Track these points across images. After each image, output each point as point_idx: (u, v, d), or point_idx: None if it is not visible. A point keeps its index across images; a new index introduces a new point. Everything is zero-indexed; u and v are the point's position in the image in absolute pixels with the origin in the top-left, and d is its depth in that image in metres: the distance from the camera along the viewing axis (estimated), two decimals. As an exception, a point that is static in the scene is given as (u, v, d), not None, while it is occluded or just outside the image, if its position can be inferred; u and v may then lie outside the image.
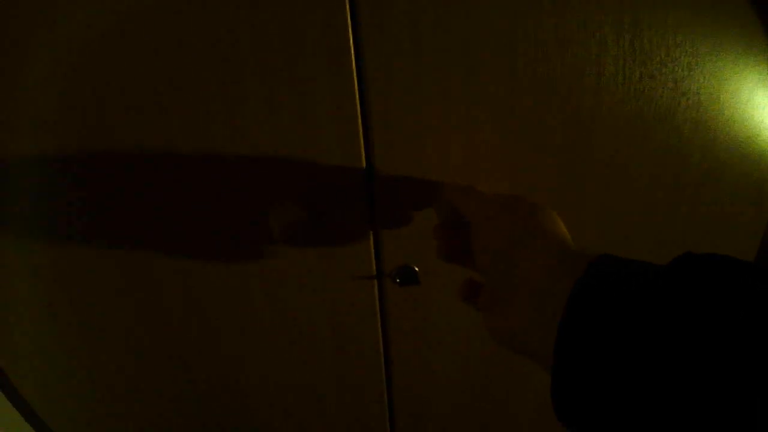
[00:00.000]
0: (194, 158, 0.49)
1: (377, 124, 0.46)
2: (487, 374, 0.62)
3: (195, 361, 0.62)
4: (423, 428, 0.68)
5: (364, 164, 0.48)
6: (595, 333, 0.26)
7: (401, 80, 0.45)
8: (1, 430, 0.62)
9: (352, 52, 0.45)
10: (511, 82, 0.46)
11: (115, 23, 0.44)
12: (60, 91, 0.46)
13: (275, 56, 0.45)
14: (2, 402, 0.63)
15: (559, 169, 0.51)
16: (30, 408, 0.64)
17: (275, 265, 0.54)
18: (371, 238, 0.50)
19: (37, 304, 0.56)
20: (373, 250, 0.51)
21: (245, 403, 0.66)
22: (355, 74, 0.46)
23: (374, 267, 0.51)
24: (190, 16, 0.44)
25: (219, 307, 0.57)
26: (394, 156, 0.47)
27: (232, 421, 0.67)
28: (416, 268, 0.50)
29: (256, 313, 0.58)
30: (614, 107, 0.49)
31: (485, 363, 0.61)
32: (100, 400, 0.64)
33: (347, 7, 0.44)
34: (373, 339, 0.57)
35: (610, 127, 0.50)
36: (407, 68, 0.44)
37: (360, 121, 0.47)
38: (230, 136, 0.48)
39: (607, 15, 0.46)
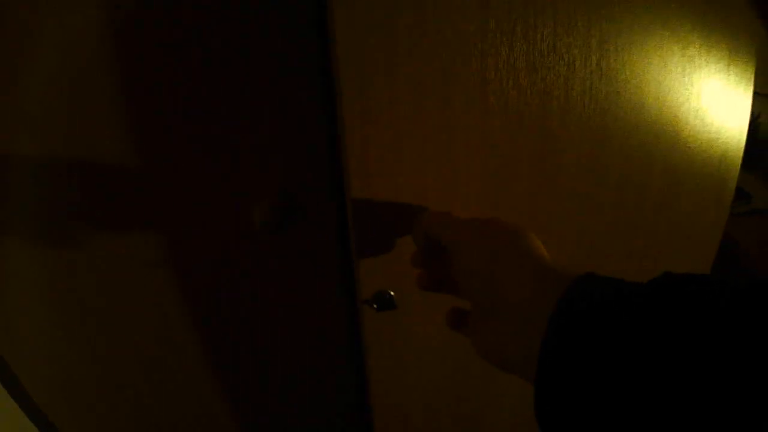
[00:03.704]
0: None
1: (354, 152, 0.45)
2: (467, 390, 0.64)
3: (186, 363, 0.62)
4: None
5: (340, 193, 0.48)
6: (576, 351, 0.27)
7: (377, 108, 0.44)
8: (4, 425, 0.62)
9: (328, 85, 0.44)
10: (483, 108, 0.46)
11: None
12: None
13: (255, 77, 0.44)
14: (4, 397, 0.62)
15: (531, 188, 0.52)
16: (33, 403, 0.64)
17: (257, 286, 0.54)
18: (349, 265, 0.50)
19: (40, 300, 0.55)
20: (351, 278, 0.51)
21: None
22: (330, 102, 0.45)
23: (351, 293, 0.52)
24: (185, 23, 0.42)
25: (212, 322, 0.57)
26: (371, 184, 0.47)
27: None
28: (392, 293, 0.50)
29: (239, 329, 0.58)
30: (581, 126, 0.50)
31: (465, 380, 0.63)
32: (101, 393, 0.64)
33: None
34: (353, 364, 0.58)
35: (578, 144, 0.51)
36: (382, 96, 0.44)
37: (337, 148, 0.47)
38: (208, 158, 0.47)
39: (575, 38, 0.46)
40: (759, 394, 0.21)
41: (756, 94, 0.61)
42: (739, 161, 0.64)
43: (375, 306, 0.50)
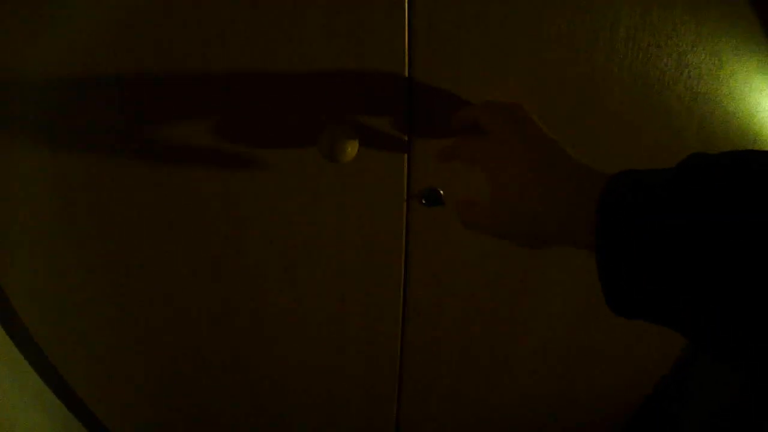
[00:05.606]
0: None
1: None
2: (498, 291, 0.71)
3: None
4: (434, 346, 0.78)
5: (406, 74, 0.54)
6: (631, 217, 0.32)
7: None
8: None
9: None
10: (538, 44, 0.55)
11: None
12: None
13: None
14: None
15: (571, 121, 0.59)
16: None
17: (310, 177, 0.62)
18: (405, 160, 0.58)
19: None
20: (405, 173, 0.59)
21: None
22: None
23: (405, 189, 0.59)
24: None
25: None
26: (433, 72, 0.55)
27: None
28: (441, 191, 0.57)
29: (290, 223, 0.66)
30: (623, 67, 0.57)
31: (497, 281, 0.70)
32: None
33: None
34: (396, 254, 0.65)
35: (619, 83, 0.58)
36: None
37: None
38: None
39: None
40: None
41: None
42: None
43: (423, 201, 0.57)
